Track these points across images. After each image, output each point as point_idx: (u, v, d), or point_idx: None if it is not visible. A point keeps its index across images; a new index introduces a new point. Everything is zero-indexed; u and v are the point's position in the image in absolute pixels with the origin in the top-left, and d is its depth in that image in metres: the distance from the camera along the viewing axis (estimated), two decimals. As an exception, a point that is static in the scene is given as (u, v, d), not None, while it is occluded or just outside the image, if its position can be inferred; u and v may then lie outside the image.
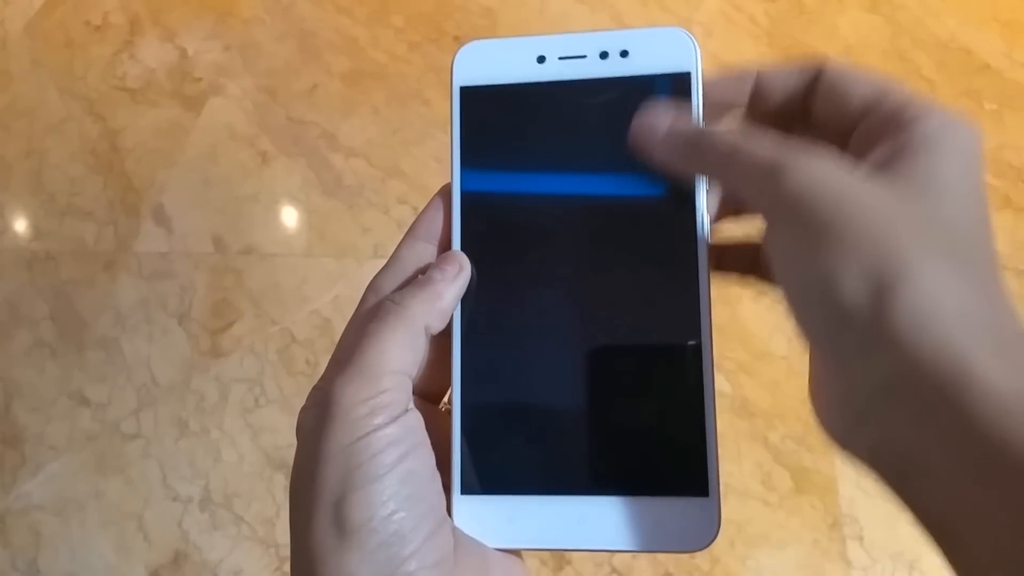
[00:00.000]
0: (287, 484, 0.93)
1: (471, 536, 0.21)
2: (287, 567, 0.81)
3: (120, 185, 1.13)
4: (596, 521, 0.21)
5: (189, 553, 0.82)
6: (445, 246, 0.24)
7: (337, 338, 0.23)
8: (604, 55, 0.23)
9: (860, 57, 1.18)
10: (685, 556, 0.78)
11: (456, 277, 0.22)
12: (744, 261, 0.26)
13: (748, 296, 0.94)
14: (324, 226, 1.06)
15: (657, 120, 0.22)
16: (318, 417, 0.20)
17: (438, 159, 1.11)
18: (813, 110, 0.23)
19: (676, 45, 0.23)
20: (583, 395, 0.22)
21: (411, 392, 0.21)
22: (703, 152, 0.21)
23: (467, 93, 0.24)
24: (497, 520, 0.21)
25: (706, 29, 1.24)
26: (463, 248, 0.23)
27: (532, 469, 0.22)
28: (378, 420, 0.19)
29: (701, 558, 0.78)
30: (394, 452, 0.19)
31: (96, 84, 1.26)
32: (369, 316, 0.22)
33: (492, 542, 0.21)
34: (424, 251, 0.24)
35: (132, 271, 1.03)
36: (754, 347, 0.89)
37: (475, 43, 0.25)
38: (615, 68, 0.23)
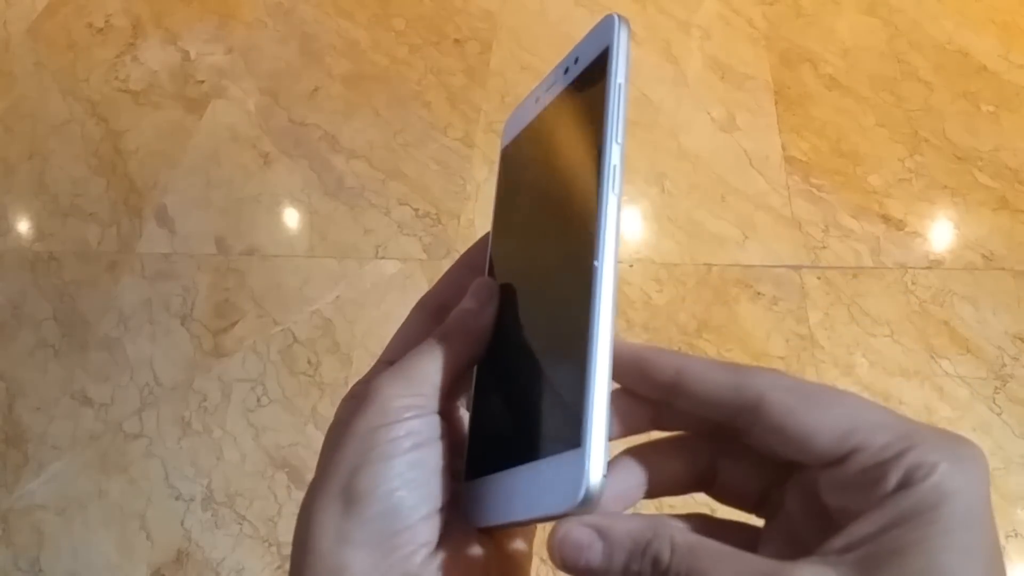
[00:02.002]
0: (289, 483, 0.94)
1: (465, 518, 0.24)
2: (289, 566, 0.82)
3: (123, 186, 1.13)
4: (507, 494, 0.22)
5: (191, 552, 0.82)
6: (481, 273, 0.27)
7: (339, 338, 0.25)
8: (566, 71, 0.25)
9: (857, 59, 1.19)
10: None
11: (489, 302, 0.24)
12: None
13: (746, 297, 0.94)
14: (326, 227, 1.06)
15: (590, 566, 0.19)
16: (356, 405, 0.22)
17: (438, 161, 1.11)
18: (750, 434, 0.19)
19: (606, 30, 0.23)
20: (509, 386, 0.24)
21: (441, 401, 0.23)
22: None
23: (504, 153, 0.28)
24: (470, 503, 0.24)
25: (704, 32, 1.25)
26: (491, 274, 0.26)
27: (480, 455, 0.24)
28: (407, 414, 0.22)
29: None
30: (410, 440, 0.22)
31: (99, 86, 1.26)
32: (430, 336, 0.24)
33: (472, 523, 0.23)
34: (467, 277, 0.26)
35: (135, 272, 1.04)
36: (752, 347, 0.90)
37: (510, 116, 0.28)
38: (575, 71, 0.24)
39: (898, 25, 1.23)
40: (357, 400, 0.23)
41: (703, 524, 0.21)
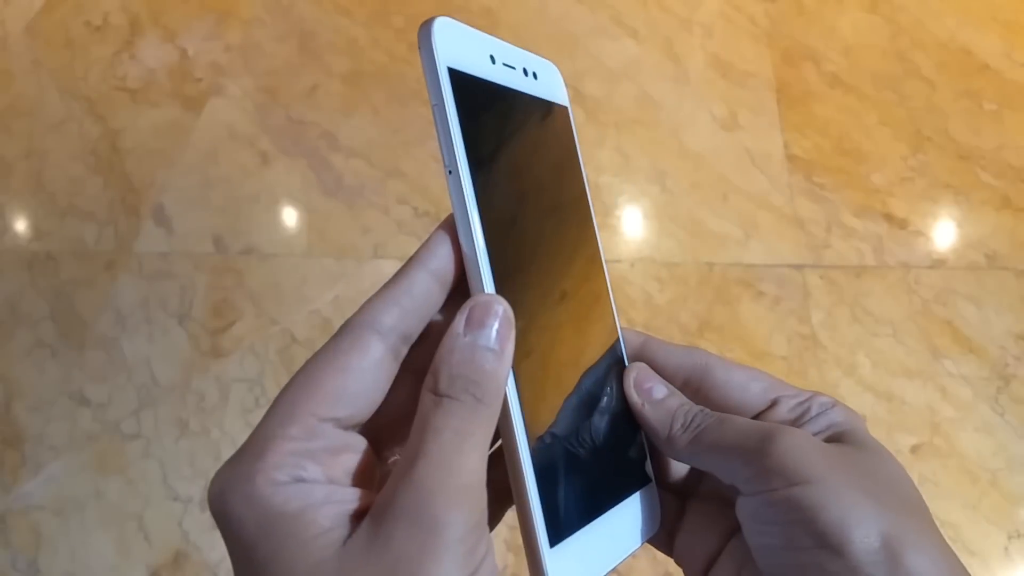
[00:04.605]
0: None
1: None
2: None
3: (120, 185, 1.13)
4: (596, 545, 0.22)
5: (189, 553, 0.82)
6: (449, 283, 0.22)
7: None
8: (526, 72, 0.26)
9: (860, 57, 1.18)
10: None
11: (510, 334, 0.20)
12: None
13: (748, 296, 0.94)
14: (324, 226, 1.06)
15: (652, 391, 0.26)
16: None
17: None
18: (709, 397, 0.26)
19: (557, 79, 0.27)
20: (570, 450, 0.23)
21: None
22: (699, 433, 0.24)
23: (458, 82, 0.20)
24: (563, 569, 0.20)
25: (706, 29, 1.24)
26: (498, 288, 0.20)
27: (556, 521, 0.21)
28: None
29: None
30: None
31: (96, 84, 1.26)
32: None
33: None
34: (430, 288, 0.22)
35: (132, 271, 1.03)
36: (754, 347, 0.90)
37: (447, 20, 0.21)
38: (536, 88, 0.26)
39: (900, 23, 1.23)
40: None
41: None
